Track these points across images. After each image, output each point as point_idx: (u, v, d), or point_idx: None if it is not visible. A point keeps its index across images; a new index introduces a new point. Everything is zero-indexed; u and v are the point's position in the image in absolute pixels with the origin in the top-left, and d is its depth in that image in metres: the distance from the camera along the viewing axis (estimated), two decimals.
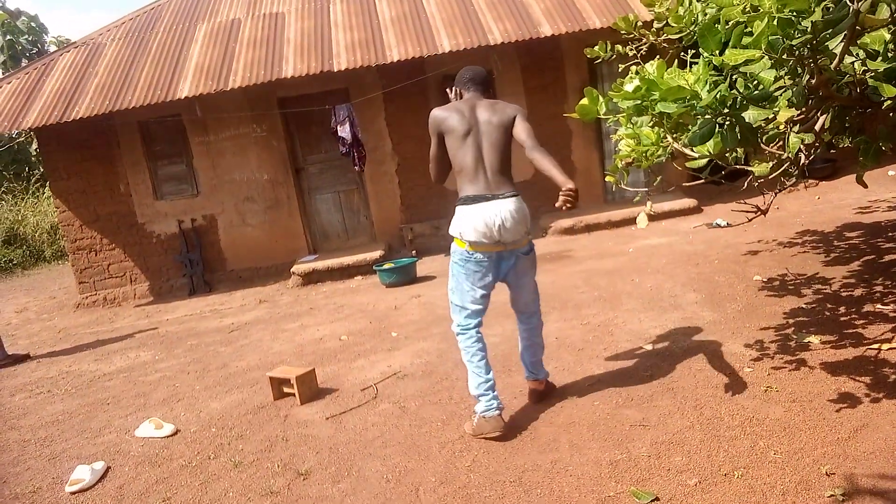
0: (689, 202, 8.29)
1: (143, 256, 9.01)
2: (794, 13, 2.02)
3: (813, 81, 2.30)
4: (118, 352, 6.54)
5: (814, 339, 3.87)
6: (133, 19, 9.54)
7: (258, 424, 4.04)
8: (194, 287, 8.89)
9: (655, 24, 5.19)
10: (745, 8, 2.72)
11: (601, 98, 2.89)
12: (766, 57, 2.14)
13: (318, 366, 4.97)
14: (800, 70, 2.31)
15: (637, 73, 3.46)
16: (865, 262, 5.26)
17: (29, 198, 17.63)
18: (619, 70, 8.02)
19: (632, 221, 8.34)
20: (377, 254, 8.19)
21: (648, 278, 5.90)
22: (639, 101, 2.79)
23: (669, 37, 4.67)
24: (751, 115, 2.43)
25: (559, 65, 8.57)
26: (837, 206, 7.49)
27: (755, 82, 2.48)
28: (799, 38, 2.04)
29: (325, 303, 7.15)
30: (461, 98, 3.63)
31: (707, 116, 2.48)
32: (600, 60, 5.41)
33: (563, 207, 3.03)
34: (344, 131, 8.12)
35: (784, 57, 2.11)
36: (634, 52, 5.42)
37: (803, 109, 2.54)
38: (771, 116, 2.49)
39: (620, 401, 3.51)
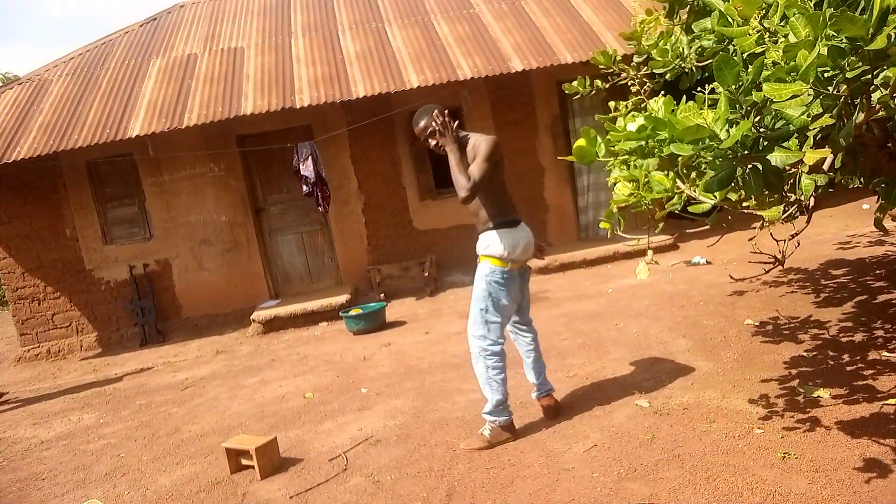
0: (665, 239, 8.08)
1: (91, 305, 8.42)
2: (848, 41, 1.73)
3: (860, 118, 2.01)
4: (59, 414, 5.95)
5: (823, 394, 3.57)
6: (83, 54, 9.07)
7: None
8: (146, 337, 8.31)
9: (636, 59, 4.98)
10: (759, 38, 2.46)
11: (599, 139, 2.58)
12: (811, 91, 1.84)
13: (280, 430, 4.51)
14: (844, 107, 2.03)
15: (629, 110, 3.16)
16: (858, 302, 5.04)
17: None
18: (593, 105, 7.86)
19: (607, 260, 8.09)
20: (343, 298, 7.76)
21: (633, 322, 5.60)
22: (643, 143, 2.48)
23: (655, 71, 4.45)
24: (778, 157, 2.12)
25: (529, 100, 8.36)
26: (816, 242, 7.33)
27: (780, 121, 2.19)
28: (855, 69, 1.74)
29: (288, 353, 6.67)
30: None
31: (727, 159, 2.18)
32: (578, 96, 5.16)
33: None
34: (307, 170, 7.73)
35: (835, 91, 1.82)
36: (610, 87, 5.17)
37: (831, 149, 2.25)
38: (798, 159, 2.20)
39: (622, 472, 3.14)
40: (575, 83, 5.08)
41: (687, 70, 4.44)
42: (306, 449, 4.11)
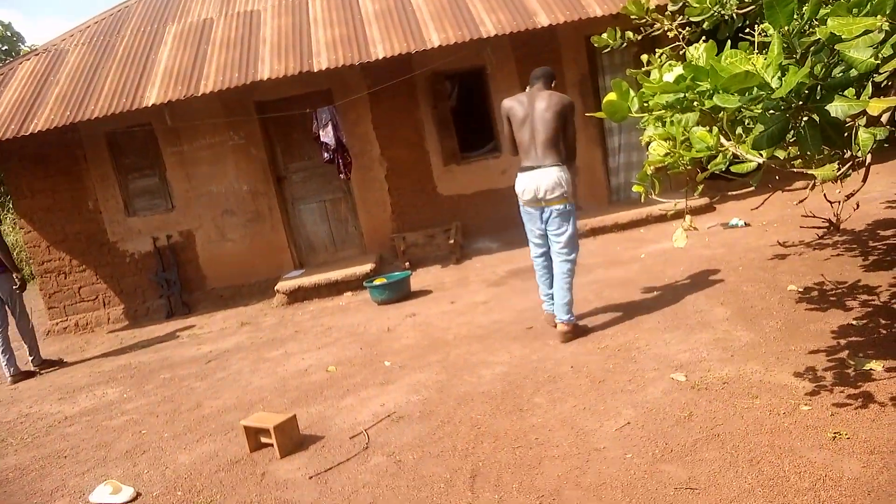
0: (701, 200, 7.72)
1: (117, 278, 8.40)
2: None
3: None
4: (84, 389, 5.93)
5: (875, 366, 3.31)
6: (98, 23, 8.91)
7: (231, 486, 3.45)
8: (172, 309, 8.28)
9: (670, 7, 4.63)
10: None
11: (632, 92, 2.31)
12: (886, 26, 1.56)
13: (301, 405, 4.39)
14: None
15: (664, 61, 2.88)
16: None
17: (7, 214, 16.94)
18: (623, 62, 7.47)
19: (640, 223, 7.79)
20: (368, 267, 7.60)
21: (668, 289, 5.34)
22: (682, 95, 2.21)
23: (692, 19, 4.11)
24: (839, 107, 1.85)
25: (557, 57, 7.99)
26: (863, 200, 6.89)
27: (840, 65, 1.91)
28: None
29: (312, 325, 6.56)
30: (529, 90, 4.65)
31: (780, 111, 1.91)
32: (608, 50, 4.83)
33: None
34: (327, 136, 7.52)
35: None
36: (642, 39, 4.82)
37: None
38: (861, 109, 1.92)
39: (658, 452, 2.94)
40: (605, 35, 4.76)
41: (727, 18, 4.11)
42: (327, 426, 3.98)
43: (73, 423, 5.01)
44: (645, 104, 2.28)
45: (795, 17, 1.91)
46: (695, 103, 2.15)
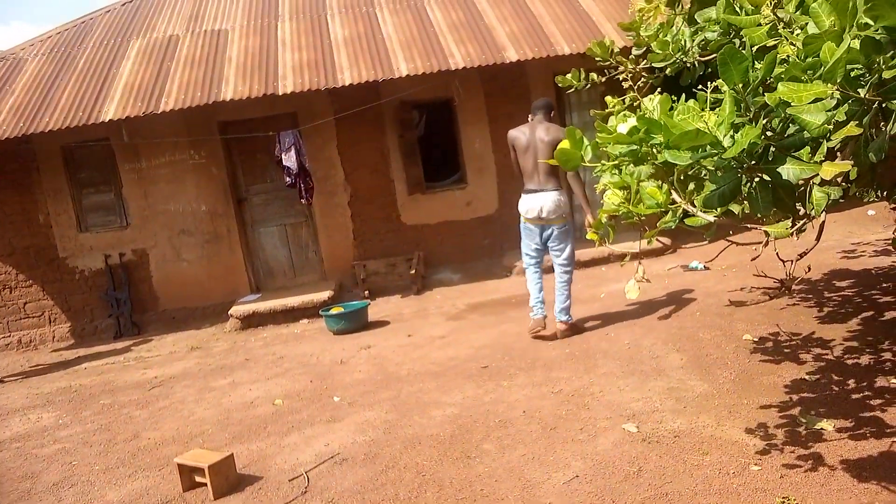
0: (662, 241, 7.75)
1: (65, 294, 8.09)
2: (886, 31, 1.40)
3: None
4: (19, 412, 5.64)
5: (826, 426, 3.27)
6: (60, 33, 8.70)
7: None
8: (121, 329, 7.99)
9: (634, 51, 4.64)
10: (772, 29, 2.12)
11: (586, 141, 2.25)
12: (836, 94, 1.52)
13: (243, 441, 4.21)
14: (874, 114, 1.70)
15: (621, 109, 2.84)
16: (864, 319, 4.73)
17: None
18: (591, 100, 7.50)
19: (601, 262, 7.78)
20: (326, 294, 7.44)
21: (625, 332, 5.29)
22: (635, 147, 2.16)
23: (654, 65, 4.11)
24: (791, 170, 1.80)
25: (525, 93, 8.00)
26: (819, 249, 6.94)
27: (793, 126, 1.86)
28: (894, 67, 1.42)
29: (264, 353, 6.36)
30: (531, 120, 5.32)
31: (731, 170, 1.85)
32: (572, 89, 4.83)
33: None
34: (289, 160, 7.39)
35: (866, 95, 1.49)
36: (607, 81, 4.82)
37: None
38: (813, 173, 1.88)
39: None
40: (569, 76, 4.75)
41: (689, 65, 4.11)
42: (267, 465, 3.80)
43: (1, 450, 4.74)
44: (600, 152, 2.22)
45: (749, 74, 1.86)
46: (648, 156, 2.10)
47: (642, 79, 4.65)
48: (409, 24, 7.83)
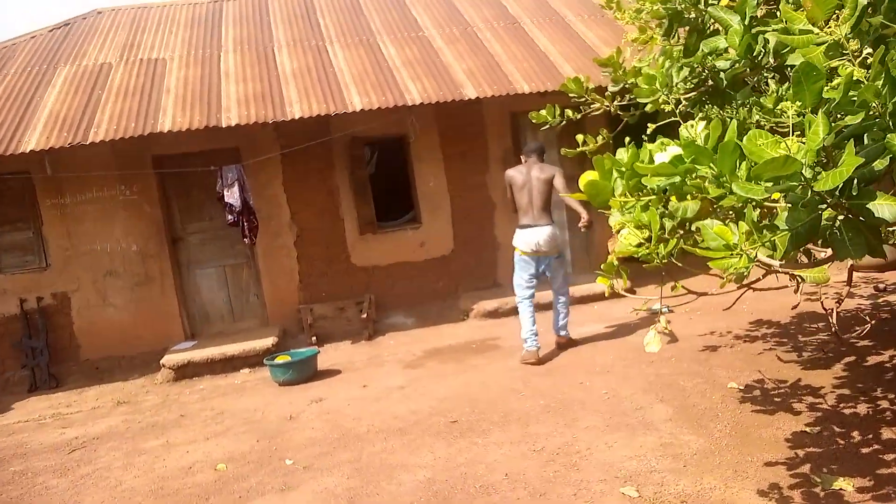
0: (619, 284, 7.54)
1: None
2: None
3: None
4: None
5: (845, 485, 3.00)
6: None
7: None
8: (37, 382, 7.16)
9: (611, 88, 4.43)
10: (833, 48, 1.87)
11: (616, 173, 1.93)
12: None
13: None
14: None
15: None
16: (848, 364, 4.57)
17: None
18: (547, 140, 7.32)
19: None
20: (269, 341, 6.87)
21: (599, 380, 4.97)
22: (677, 179, 1.85)
23: (640, 100, 3.89)
24: (885, 208, 1.51)
25: (481, 131, 7.78)
26: (778, 292, 6.94)
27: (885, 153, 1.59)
28: None
29: (201, 407, 5.74)
30: (525, 162, 5.77)
31: (813, 206, 1.56)
32: (535, 128, 4.58)
33: (582, 229, 5.70)
34: (232, 197, 6.87)
35: None
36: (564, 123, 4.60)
37: None
38: None
39: None
40: (543, 112, 4.50)
41: (674, 101, 3.91)
42: None
43: None
44: (635, 186, 1.90)
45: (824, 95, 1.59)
46: (694, 190, 1.79)
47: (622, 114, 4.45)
48: (361, 58, 7.52)
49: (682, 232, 2.47)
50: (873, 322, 5.14)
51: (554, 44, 7.74)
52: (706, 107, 3.76)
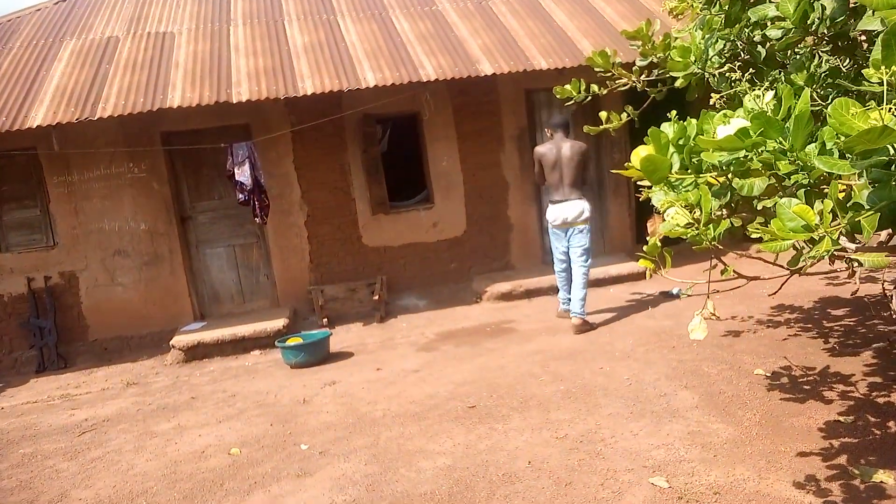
0: (637, 266, 7.40)
1: None
2: None
3: None
4: None
5: (886, 478, 2.88)
6: None
7: None
8: (45, 362, 7.09)
9: (638, 62, 4.26)
10: None
11: (673, 147, 1.78)
12: None
13: (196, 502, 3.55)
14: None
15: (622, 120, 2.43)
16: (878, 351, 4.43)
17: None
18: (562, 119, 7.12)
19: None
20: (280, 322, 6.77)
21: (620, 366, 4.85)
22: (743, 154, 1.70)
23: (673, 74, 3.73)
24: None
25: (496, 109, 7.60)
26: (802, 276, 6.80)
27: None
28: None
29: (212, 390, 5.65)
30: (552, 137, 5.99)
31: None
32: (571, 101, 4.42)
33: None
34: (243, 175, 6.73)
35: None
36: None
37: None
38: None
39: None
40: (568, 87, 4.34)
41: (708, 75, 3.75)
42: None
43: None
44: (693, 161, 1.75)
45: None
46: (762, 165, 1.65)
47: (646, 91, 4.28)
48: (374, 33, 7.33)
49: (729, 212, 2.33)
50: None
51: (571, 19, 7.53)
52: (739, 83, 3.61)
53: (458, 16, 7.65)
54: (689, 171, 1.82)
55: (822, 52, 2.63)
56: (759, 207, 1.72)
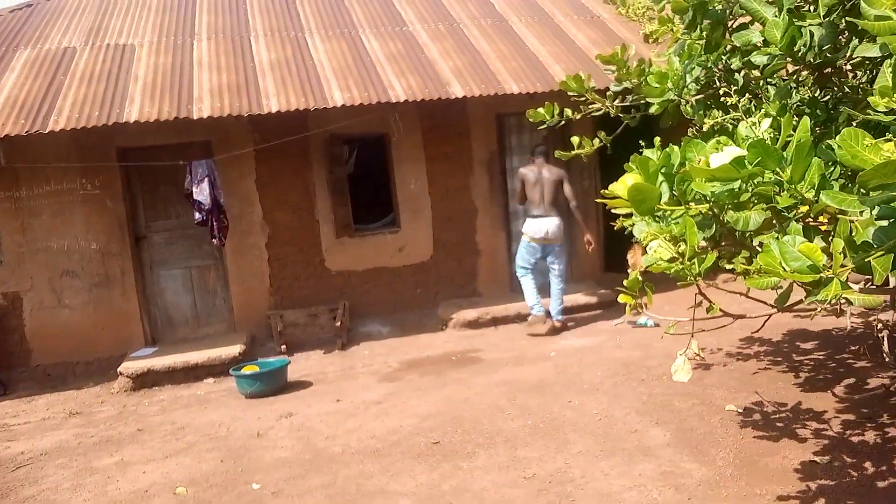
0: (605, 295, 7.32)
1: None
2: None
3: None
4: None
5: None
6: None
7: None
8: None
9: (613, 87, 4.18)
10: None
11: (661, 176, 1.64)
12: None
13: None
14: None
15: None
16: (849, 387, 4.37)
17: None
18: (532, 144, 7.05)
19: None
20: (236, 349, 6.48)
21: (589, 399, 4.70)
22: (738, 186, 1.56)
23: (650, 100, 3.64)
24: None
25: (465, 132, 7.48)
26: (766, 307, 6.76)
27: None
28: None
29: (161, 421, 5.33)
30: (533, 163, 6.64)
31: None
32: (544, 126, 4.32)
33: (588, 248, 6.93)
34: (201, 194, 6.46)
35: None
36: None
37: None
38: None
39: None
40: (541, 110, 4.23)
41: (684, 102, 3.66)
42: None
43: None
44: (684, 191, 1.61)
45: None
46: (756, 198, 1.51)
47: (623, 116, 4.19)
48: (343, 51, 7.18)
49: (713, 245, 2.20)
50: (870, 342, 4.95)
51: (543, 44, 7.48)
52: (711, 111, 3.52)
53: (429, 37, 7.55)
54: (679, 201, 1.68)
55: (802, 80, 2.54)
56: (756, 243, 1.58)
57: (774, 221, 1.56)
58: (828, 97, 3.02)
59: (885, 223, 1.29)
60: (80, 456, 4.71)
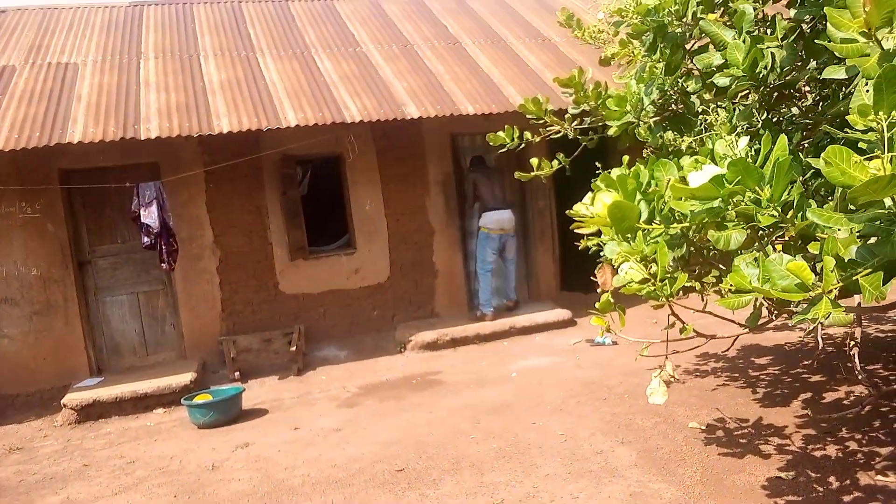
0: (562, 314, 7.36)
1: None
2: None
3: None
4: None
5: None
6: None
7: None
8: None
9: (571, 110, 4.20)
10: (881, 59, 1.63)
11: (640, 195, 1.62)
12: None
13: None
14: None
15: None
16: (806, 401, 4.44)
17: None
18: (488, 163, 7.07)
19: (503, 335, 7.19)
20: (187, 377, 6.24)
21: (553, 420, 4.66)
22: (717, 204, 1.55)
23: (609, 122, 3.67)
24: None
25: (421, 153, 7.45)
26: (719, 321, 6.88)
27: None
28: None
29: (108, 455, 5.07)
30: (477, 170, 7.44)
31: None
32: (504, 149, 4.31)
33: None
34: (149, 217, 6.25)
35: None
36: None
37: None
38: None
39: None
40: (501, 133, 4.22)
41: (642, 123, 3.70)
42: None
43: None
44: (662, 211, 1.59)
45: None
46: (739, 217, 1.50)
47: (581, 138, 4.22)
48: (295, 71, 7.08)
49: (682, 265, 2.20)
50: (821, 356, 5.07)
51: (496, 66, 7.54)
52: (667, 132, 3.58)
53: (383, 58, 7.53)
54: (658, 221, 1.66)
55: (764, 101, 2.58)
56: (739, 262, 1.58)
57: (756, 239, 1.56)
58: (776, 118, 3.09)
59: (871, 241, 1.29)
60: (21, 495, 4.43)
